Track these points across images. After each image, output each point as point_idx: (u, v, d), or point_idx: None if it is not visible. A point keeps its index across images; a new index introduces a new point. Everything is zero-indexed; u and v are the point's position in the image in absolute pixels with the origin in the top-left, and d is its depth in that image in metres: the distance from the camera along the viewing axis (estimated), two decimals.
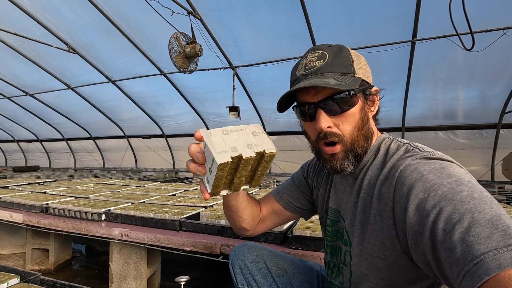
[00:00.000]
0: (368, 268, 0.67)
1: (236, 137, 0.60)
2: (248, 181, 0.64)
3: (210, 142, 0.58)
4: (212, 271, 2.29)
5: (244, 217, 0.89)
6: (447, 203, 0.49)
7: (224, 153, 0.56)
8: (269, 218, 0.97)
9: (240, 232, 0.96)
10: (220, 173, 0.57)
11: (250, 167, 0.60)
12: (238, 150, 0.57)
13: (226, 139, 0.59)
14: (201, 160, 0.62)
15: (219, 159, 0.55)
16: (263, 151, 0.59)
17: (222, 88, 5.28)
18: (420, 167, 0.58)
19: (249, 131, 0.62)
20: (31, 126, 8.49)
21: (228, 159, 0.55)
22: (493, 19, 3.27)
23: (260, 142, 0.60)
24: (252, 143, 0.59)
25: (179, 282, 1.10)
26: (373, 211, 0.65)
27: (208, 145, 0.57)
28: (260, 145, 0.60)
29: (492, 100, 4.39)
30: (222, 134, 0.60)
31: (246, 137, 0.60)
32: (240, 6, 3.84)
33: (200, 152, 0.62)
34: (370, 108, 0.72)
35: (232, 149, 0.57)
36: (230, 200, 0.84)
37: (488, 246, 0.41)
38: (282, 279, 0.95)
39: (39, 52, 5.31)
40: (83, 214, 2.05)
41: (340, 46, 0.71)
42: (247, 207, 0.88)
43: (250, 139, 0.60)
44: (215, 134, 0.59)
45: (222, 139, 0.59)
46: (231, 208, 0.87)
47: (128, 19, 4.33)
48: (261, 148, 0.59)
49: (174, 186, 3.39)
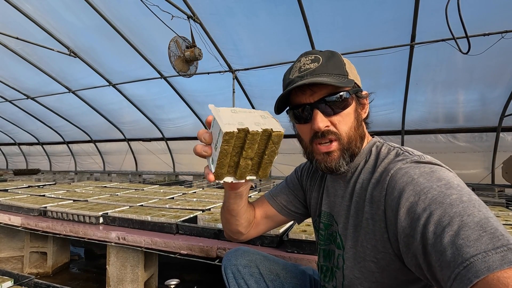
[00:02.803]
0: (361, 271, 0.67)
1: (244, 116, 0.61)
2: (255, 170, 0.64)
3: (218, 116, 0.58)
4: (209, 274, 2.28)
5: (242, 221, 0.88)
6: (437, 207, 0.50)
7: (231, 124, 0.56)
8: (263, 222, 0.96)
9: (234, 236, 0.95)
10: (225, 146, 0.57)
11: (257, 146, 0.60)
12: (244, 125, 0.58)
13: (234, 116, 0.60)
14: (208, 140, 0.62)
15: (225, 128, 0.55)
16: (271, 129, 0.59)
17: (222, 91, 5.30)
18: (410, 170, 0.59)
19: (257, 114, 0.63)
20: (32, 129, 8.52)
21: (234, 129, 0.56)
22: (491, 23, 3.28)
23: (268, 123, 0.61)
24: (259, 122, 0.60)
25: (169, 285, 1.09)
26: (365, 215, 0.66)
27: (216, 118, 0.58)
28: (268, 124, 0.60)
29: (492, 103, 4.38)
30: (230, 112, 0.61)
31: (254, 118, 0.61)
32: (239, 10, 3.86)
33: (208, 132, 0.62)
34: (361, 111, 0.73)
35: (239, 123, 0.57)
36: (231, 204, 0.83)
37: (477, 249, 0.41)
38: (275, 284, 0.95)
39: (40, 55, 5.35)
40: (81, 217, 2.05)
41: (331, 51, 0.73)
42: (246, 212, 0.88)
43: (258, 119, 0.61)
44: (223, 110, 0.61)
45: (230, 115, 0.60)
46: (231, 212, 0.85)
47: (128, 23, 4.36)
48: (269, 126, 0.59)
49: (173, 189, 3.39)
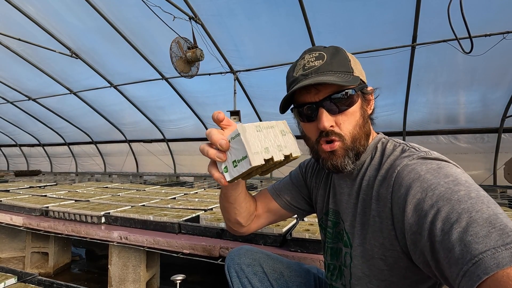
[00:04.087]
0: (370, 269, 0.67)
1: (267, 135, 0.60)
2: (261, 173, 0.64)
3: (245, 139, 0.56)
4: (211, 274, 2.28)
5: (241, 210, 0.86)
6: (444, 203, 0.49)
7: (258, 154, 0.55)
8: (264, 216, 0.95)
9: (234, 228, 0.93)
10: (249, 171, 0.56)
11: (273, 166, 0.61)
12: (270, 152, 0.57)
13: (260, 138, 0.58)
14: (225, 147, 0.58)
15: (254, 161, 0.54)
16: (290, 154, 0.61)
17: (223, 92, 5.30)
18: (417, 167, 0.58)
19: (278, 130, 0.63)
20: (33, 131, 8.53)
21: (261, 162, 0.55)
22: (492, 23, 3.28)
23: (288, 144, 0.62)
24: (281, 144, 0.61)
25: (175, 280, 1.10)
26: (372, 212, 0.65)
27: (244, 142, 0.56)
28: (289, 147, 0.62)
29: (493, 104, 4.38)
30: (255, 131, 0.59)
31: (276, 137, 0.61)
32: (241, 11, 3.87)
33: (224, 139, 0.58)
34: (367, 107, 0.72)
35: (265, 150, 0.57)
36: (229, 190, 0.80)
37: (486, 245, 0.41)
38: (279, 283, 0.94)
39: (42, 57, 5.36)
40: (83, 217, 2.05)
41: (336, 47, 0.72)
42: (245, 200, 0.85)
43: (280, 139, 0.61)
44: (249, 130, 0.58)
45: (256, 137, 0.58)
46: (229, 199, 0.83)
47: (130, 24, 4.38)
48: (289, 151, 0.61)
49: (174, 190, 3.39)
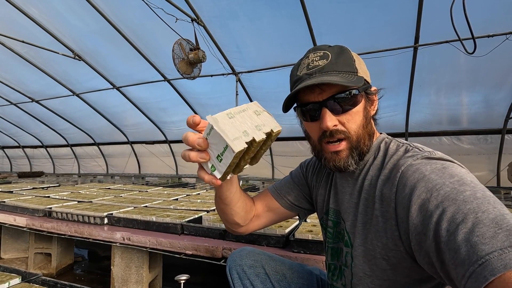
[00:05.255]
0: (372, 269, 0.66)
1: (241, 119, 0.58)
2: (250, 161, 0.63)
3: (220, 129, 0.55)
4: (214, 275, 2.27)
5: (237, 210, 0.85)
6: (450, 203, 0.49)
7: (238, 139, 0.54)
8: (265, 215, 0.94)
9: (233, 228, 0.92)
10: (235, 160, 0.55)
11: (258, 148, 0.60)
12: (249, 134, 0.56)
13: (235, 124, 0.57)
14: (204, 146, 0.57)
15: (236, 147, 0.53)
16: (271, 130, 0.59)
17: (225, 93, 5.30)
18: (421, 167, 0.58)
19: (251, 111, 0.61)
20: (36, 132, 8.58)
21: (244, 145, 0.54)
22: (495, 24, 3.27)
23: (265, 122, 0.60)
24: (259, 123, 0.59)
25: (179, 280, 1.09)
26: (375, 212, 0.65)
27: (219, 132, 0.55)
28: (267, 124, 0.59)
29: (496, 105, 4.36)
30: (228, 119, 0.57)
31: (252, 118, 0.60)
32: (243, 13, 3.89)
33: (200, 137, 0.57)
34: (370, 108, 0.72)
35: (244, 134, 0.55)
36: (223, 191, 0.78)
37: (493, 246, 0.40)
38: (281, 284, 0.93)
39: (45, 59, 5.40)
40: (86, 217, 2.06)
41: (341, 46, 0.71)
42: (240, 199, 0.84)
43: (256, 119, 0.60)
44: (221, 119, 0.56)
45: (231, 124, 0.56)
46: (224, 200, 0.81)
47: (132, 26, 4.40)
48: (269, 128, 0.59)
49: (176, 191, 3.39)
